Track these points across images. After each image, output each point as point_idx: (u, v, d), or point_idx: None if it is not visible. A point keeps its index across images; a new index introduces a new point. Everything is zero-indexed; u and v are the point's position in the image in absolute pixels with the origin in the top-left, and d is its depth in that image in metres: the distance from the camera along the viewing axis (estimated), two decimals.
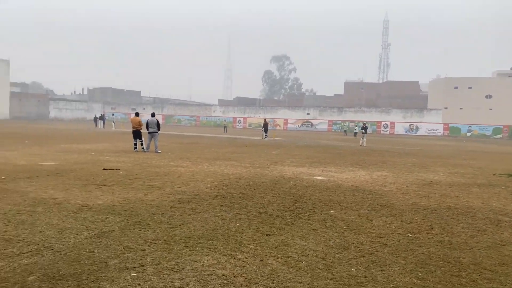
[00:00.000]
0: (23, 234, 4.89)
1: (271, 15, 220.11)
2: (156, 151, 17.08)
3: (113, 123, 40.84)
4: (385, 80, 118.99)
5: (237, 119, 76.94)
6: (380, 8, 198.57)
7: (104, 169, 11.09)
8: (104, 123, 43.49)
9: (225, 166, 12.80)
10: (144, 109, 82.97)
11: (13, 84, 77.22)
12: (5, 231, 5.00)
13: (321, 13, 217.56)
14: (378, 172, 13.05)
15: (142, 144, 17.64)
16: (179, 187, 8.66)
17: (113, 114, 44.76)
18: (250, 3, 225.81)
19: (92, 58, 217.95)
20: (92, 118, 45.14)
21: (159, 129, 17.57)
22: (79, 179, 9.16)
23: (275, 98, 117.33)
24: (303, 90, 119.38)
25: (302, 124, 72.18)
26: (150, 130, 17.39)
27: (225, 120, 62.06)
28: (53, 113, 76.84)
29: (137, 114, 17.92)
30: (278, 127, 74.06)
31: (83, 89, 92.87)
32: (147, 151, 17.17)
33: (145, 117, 74.30)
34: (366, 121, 44.60)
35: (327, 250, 4.85)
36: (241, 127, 75.21)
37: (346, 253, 4.75)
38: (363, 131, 28.74)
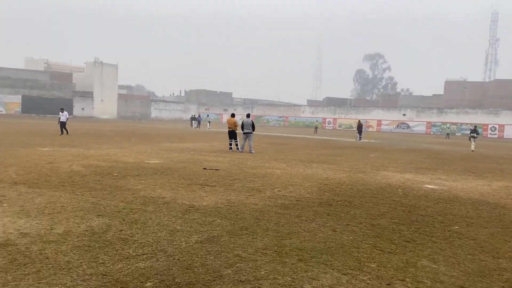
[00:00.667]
0: (137, 235, 4.95)
1: (363, 11, 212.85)
2: (250, 152, 17.16)
3: (208, 123, 42.57)
4: (492, 79, 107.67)
5: (327, 119, 75.51)
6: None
7: (205, 168, 11.28)
8: (199, 123, 45.56)
9: (323, 170, 12.27)
10: (235, 109, 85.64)
11: (120, 87, 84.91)
12: (121, 230, 5.12)
13: (417, 5, 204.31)
14: (498, 182, 11.48)
15: (237, 144, 17.87)
16: (279, 190, 8.37)
17: (208, 115, 46.65)
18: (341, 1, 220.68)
19: (188, 62, 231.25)
20: (189, 118, 47.57)
21: (253, 130, 17.64)
22: (183, 178, 9.36)
23: (367, 98, 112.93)
24: (397, 89, 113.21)
25: (397, 126, 68.33)
26: (245, 130, 17.52)
27: (317, 121, 61.02)
28: (154, 113, 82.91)
29: (233, 115, 18.20)
30: (370, 129, 71.02)
31: (180, 91, 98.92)
32: (242, 151, 17.34)
33: (236, 117, 76.16)
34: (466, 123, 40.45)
35: (464, 276, 4.11)
36: (331, 128, 73.65)
37: (490, 282, 3.98)
38: (474, 134, 25.94)
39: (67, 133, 23.22)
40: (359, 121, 35.56)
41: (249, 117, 18.10)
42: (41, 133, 24.03)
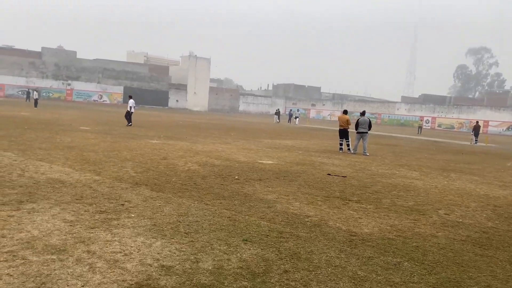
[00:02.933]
0: (311, 283, 3.56)
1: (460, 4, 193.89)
2: (364, 153, 15.28)
3: (296, 119, 41.09)
4: None
5: (425, 118, 69.64)
6: None
7: (329, 174, 9.77)
8: (291, 117, 44.34)
9: (469, 182, 10.05)
10: (323, 104, 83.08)
11: (211, 80, 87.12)
12: (285, 270, 3.78)
13: None
14: None
15: (348, 145, 16.08)
16: (446, 214, 6.53)
17: (298, 110, 45.16)
18: None
19: (278, 56, 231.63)
20: (274, 113, 46.34)
21: (370, 129, 15.72)
22: (313, 187, 7.94)
23: (470, 96, 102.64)
24: (506, 87, 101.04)
25: (508, 128, 60.60)
26: (360, 129, 15.66)
27: (421, 120, 56.03)
28: (242, 107, 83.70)
29: (345, 112, 16.41)
30: None
31: (268, 85, 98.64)
32: (354, 153, 15.53)
33: (323, 113, 74.02)
34: None
35: None
36: (429, 127, 67.76)
37: None
38: None
39: (128, 123, 20.83)
40: (477, 122, 31.35)
41: (365, 114, 16.18)
42: (143, 123, 24.45)
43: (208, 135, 19.13)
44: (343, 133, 15.97)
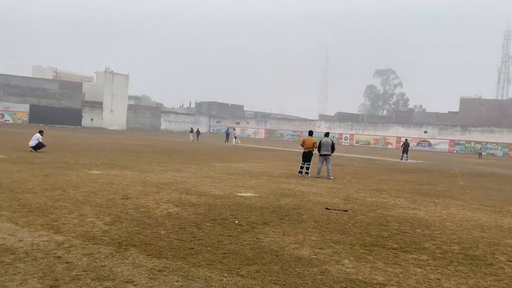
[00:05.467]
0: None
1: (371, 25, 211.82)
2: (328, 177, 14.46)
3: (234, 138, 39.87)
4: (505, 97, 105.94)
5: (343, 135, 73.05)
6: (499, 19, 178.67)
7: (327, 208, 8.52)
8: (228, 137, 43.15)
9: (465, 209, 9.54)
10: (248, 122, 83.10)
11: (128, 97, 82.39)
12: None
13: (430, 24, 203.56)
14: None
15: (308, 168, 15.12)
16: (510, 261, 5.61)
17: (234, 129, 44.04)
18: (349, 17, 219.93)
19: (196, 74, 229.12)
20: (189, 131, 45.06)
21: (333, 151, 14.94)
22: (331, 230, 6.59)
23: (379, 114, 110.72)
24: (410, 105, 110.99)
25: (418, 143, 65.79)
26: (323, 152, 14.83)
27: (334, 137, 58.21)
28: (163, 125, 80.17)
29: (310, 133, 15.45)
30: (390, 146, 68.61)
31: (190, 103, 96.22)
32: (318, 177, 14.61)
33: (248, 131, 73.94)
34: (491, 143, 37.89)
35: None
36: (347, 144, 71.08)
37: None
38: None
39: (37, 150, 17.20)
40: (406, 140, 32.87)
41: (328, 136, 15.40)
42: (61, 146, 21.16)
43: (150, 161, 16.89)
44: (307, 156, 14.98)
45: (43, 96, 62.07)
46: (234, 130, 43.24)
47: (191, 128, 51.25)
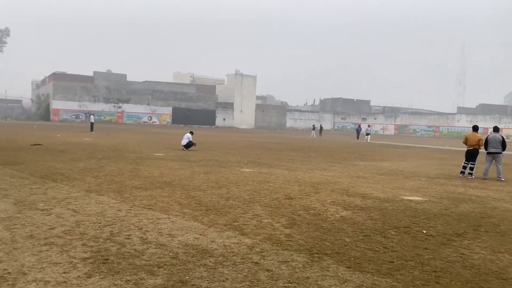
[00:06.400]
0: None
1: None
2: (499, 179, 12.40)
3: (368, 136, 38.08)
4: None
5: (489, 130, 64.46)
6: None
7: None
8: (359, 134, 41.83)
9: None
10: (375, 118, 79.27)
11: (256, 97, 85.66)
12: None
13: None
14: None
15: (472, 169, 13.21)
16: None
17: (368, 126, 42.16)
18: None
19: (319, 71, 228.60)
20: (356, 129, 43.82)
21: (504, 149, 12.80)
22: None
23: None
24: None
25: None
26: (491, 149, 12.80)
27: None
28: (289, 123, 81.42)
29: (475, 128, 13.51)
30: None
31: (314, 100, 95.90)
32: (484, 178, 12.65)
33: (375, 127, 70.26)
34: None
35: None
36: None
37: None
38: None
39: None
40: None
41: (498, 131, 13.27)
42: (206, 145, 22.47)
43: (291, 159, 16.81)
44: (472, 155, 13.12)
45: (183, 99, 68.32)
46: (369, 127, 41.20)
47: (313, 125, 51.43)
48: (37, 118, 61.54)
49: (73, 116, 59.87)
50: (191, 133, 19.39)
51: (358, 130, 42.80)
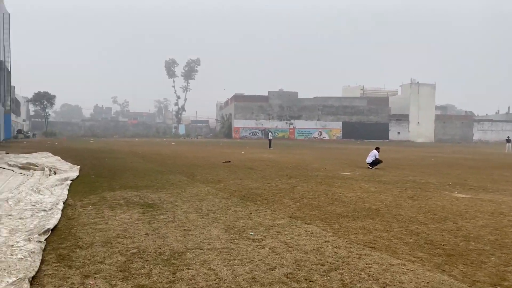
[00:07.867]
0: None
1: None
2: None
3: None
4: None
5: None
6: None
7: None
8: None
9: None
10: None
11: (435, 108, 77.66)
12: None
13: None
14: None
15: None
16: None
17: None
18: None
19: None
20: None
21: None
22: None
23: None
24: None
25: None
26: None
27: None
28: (476, 135, 71.10)
29: None
30: None
31: (508, 108, 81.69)
32: None
33: None
34: None
35: None
36: None
37: None
38: None
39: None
40: None
41: None
42: (388, 161, 20.31)
43: (507, 180, 13.56)
44: None
45: (354, 113, 66.63)
46: None
47: (508, 137, 43.06)
48: (221, 136, 68.66)
49: (251, 133, 64.58)
50: (377, 149, 17.77)
51: None
